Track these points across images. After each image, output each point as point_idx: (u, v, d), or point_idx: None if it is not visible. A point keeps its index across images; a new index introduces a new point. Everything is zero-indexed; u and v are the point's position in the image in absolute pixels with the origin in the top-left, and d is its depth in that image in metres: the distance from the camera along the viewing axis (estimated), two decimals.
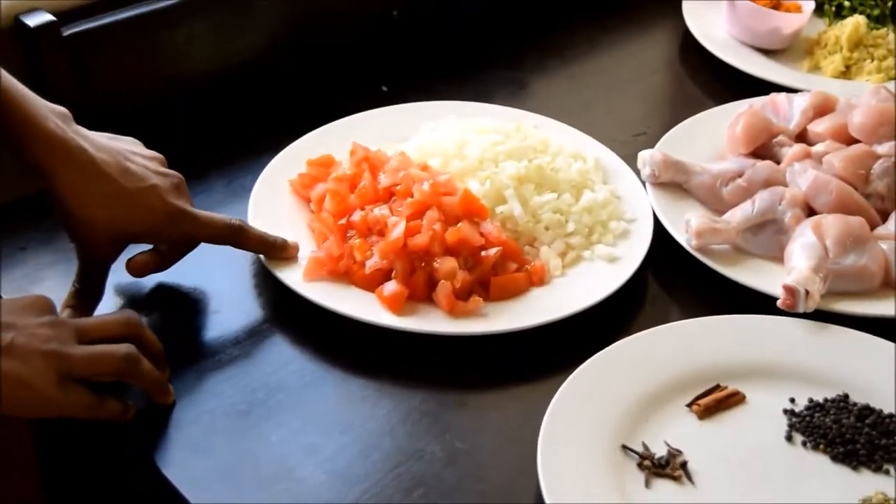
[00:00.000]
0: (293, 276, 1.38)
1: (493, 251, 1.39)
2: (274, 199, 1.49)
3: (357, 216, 1.42)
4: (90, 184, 1.27)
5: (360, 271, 1.38)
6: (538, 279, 1.41)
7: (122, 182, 1.29)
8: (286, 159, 1.54)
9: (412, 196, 1.42)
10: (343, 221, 1.43)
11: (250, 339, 1.36)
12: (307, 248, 1.42)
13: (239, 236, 1.38)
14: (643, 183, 1.56)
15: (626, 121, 1.75)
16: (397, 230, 1.38)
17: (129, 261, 1.37)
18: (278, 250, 1.40)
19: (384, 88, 1.76)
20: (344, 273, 1.39)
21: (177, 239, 1.37)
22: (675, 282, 1.48)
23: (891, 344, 1.35)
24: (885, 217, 1.51)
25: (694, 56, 1.89)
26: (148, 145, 1.39)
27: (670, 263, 1.48)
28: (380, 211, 1.42)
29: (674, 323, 1.37)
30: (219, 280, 1.42)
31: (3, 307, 1.15)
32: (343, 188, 1.45)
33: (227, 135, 1.64)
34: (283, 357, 1.34)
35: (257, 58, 1.72)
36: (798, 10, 1.89)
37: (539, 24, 1.95)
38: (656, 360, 1.32)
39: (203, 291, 1.41)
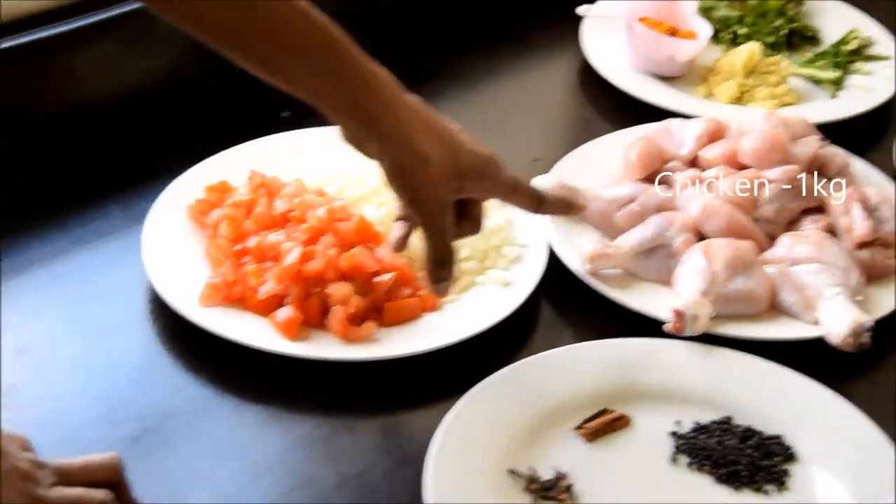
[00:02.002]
0: (187, 303, 1.39)
1: (387, 277, 1.41)
2: (171, 224, 1.49)
3: (252, 242, 1.43)
4: (422, 121, 1.23)
5: (255, 297, 1.39)
6: (431, 304, 1.43)
7: (445, 121, 1.26)
8: (184, 185, 1.54)
9: (307, 222, 1.43)
10: (239, 247, 1.44)
11: (143, 366, 1.36)
12: (204, 275, 1.42)
13: (541, 208, 1.36)
14: None
15: (524, 146, 1.77)
16: (292, 256, 1.39)
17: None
18: (575, 209, 1.43)
19: (284, 114, 1.76)
20: (239, 299, 1.40)
21: (489, 189, 1.31)
22: (567, 306, 1.50)
23: (775, 366, 1.38)
24: (772, 241, 1.54)
25: (593, 82, 1.91)
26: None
27: (563, 288, 1.50)
28: (275, 237, 1.43)
29: (563, 347, 1.39)
30: (112, 306, 1.43)
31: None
32: (239, 214, 1.46)
33: (125, 161, 1.64)
34: (176, 383, 1.35)
35: (157, 83, 1.72)
36: (694, 37, 1.92)
37: (439, 49, 1.97)
38: (546, 384, 1.34)
39: (96, 318, 1.41)
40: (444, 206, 1.25)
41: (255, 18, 1.13)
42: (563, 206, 1.41)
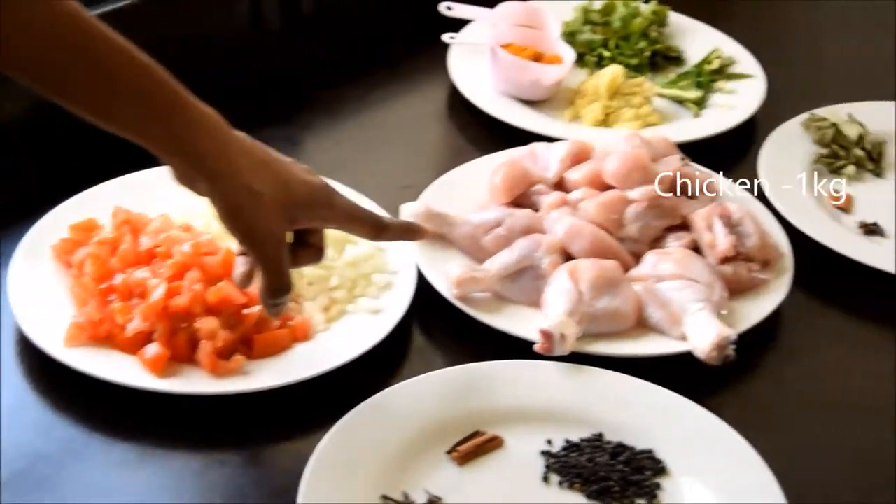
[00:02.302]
0: (54, 343, 1.37)
1: (255, 309, 1.41)
2: (36, 265, 1.47)
3: (118, 279, 1.42)
4: (251, 156, 1.22)
5: (122, 335, 1.38)
6: (301, 335, 1.43)
7: (274, 154, 1.26)
8: (49, 225, 1.52)
9: (173, 257, 1.42)
10: (105, 285, 1.43)
11: (11, 408, 1.35)
12: (70, 314, 1.41)
13: (381, 234, 1.35)
14: None
15: (394, 175, 1.78)
16: (157, 292, 1.38)
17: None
18: (418, 234, 1.42)
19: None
20: (106, 337, 1.38)
21: (325, 217, 1.30)
22: (438, 331, 1.51)
23: (644, 383, 1.40)
24: (638, 259, 1.56)
25: (462, 109, 1.92)
26: None
27: (434, 313, 1.51)
28: (141, 273, 1.42)
29: (434, 372, 1.39)
30: None
31: None
32: (104, 252, 1.45)
33: None
34: (45, 424, 1.33)
35: (18, 122, 1.70)
36: (559, 61, 1.94)
37: (310, 81, 1.97)
38: (417, 409, 1.34)
39: None
40: (278, 238, 1.25)
41: (76, 60, 1.11)
42: (405, 231, 1.41)
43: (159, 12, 1.82)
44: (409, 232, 1.41)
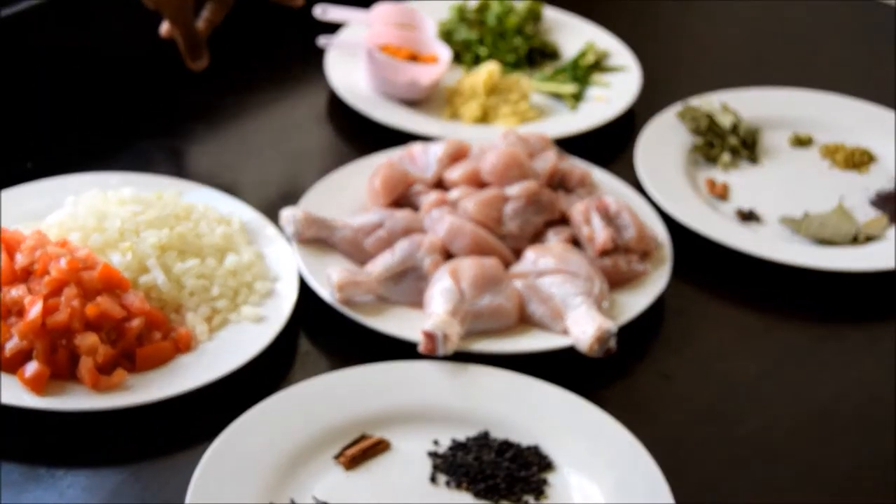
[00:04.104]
0: None
1: (135, 322, 1.39)
2: None
3: None
4: None
5: (2, 354, 1.36)
6: (185, 346, 1.42)
7: None
8: None
9: (49, 274, 1.41)
10: None
11: None
12: None
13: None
14: (289, 241, 1.58)
15: (274, 180, 1.77)
16: (34, 309, 1.37)
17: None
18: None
19: (29, 165, 1.73)
20: None
21: None
22: (324, 336, 1.51)
23: (528, 379, 1.41)
24: (519, 255, 1.57)
25: (341, 112, 1.92)
26: None
27: (319, 318, 1.51)
28: (17, 291, 1.40)
29: (318, 377, 1.39)
30: None
31: None
32: None
33: None
34: None
35: None
36: (436, 60, 1.95)
37: (188, 89, 1.95)
38: (303, 416, 1.34)
39: None
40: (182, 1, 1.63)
41: None
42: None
43: (47, 22, 1.86)
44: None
